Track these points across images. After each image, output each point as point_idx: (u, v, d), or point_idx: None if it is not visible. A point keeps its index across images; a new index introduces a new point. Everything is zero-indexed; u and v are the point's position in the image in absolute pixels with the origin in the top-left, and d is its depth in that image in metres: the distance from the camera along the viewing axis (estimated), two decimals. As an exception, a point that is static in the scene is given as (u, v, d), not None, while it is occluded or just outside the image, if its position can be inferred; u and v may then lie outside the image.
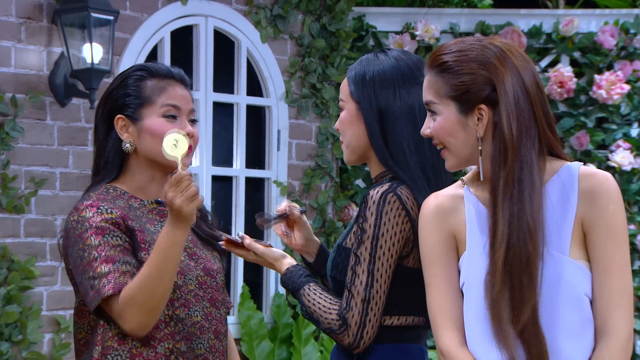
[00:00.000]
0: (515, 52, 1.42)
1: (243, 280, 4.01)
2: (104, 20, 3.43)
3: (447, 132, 1.43)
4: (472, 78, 1.39)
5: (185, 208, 1.59)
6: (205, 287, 1.75)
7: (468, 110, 1.41)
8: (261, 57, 4.04)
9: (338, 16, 4.17)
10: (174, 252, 1.62)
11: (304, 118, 4.18)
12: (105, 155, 1.76)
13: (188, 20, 3.87)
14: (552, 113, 1.42)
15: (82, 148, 3.58)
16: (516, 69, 1.40)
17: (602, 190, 1.37)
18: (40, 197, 3.48)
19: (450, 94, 1.41)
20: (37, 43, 3.47)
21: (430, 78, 1.44)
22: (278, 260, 1.72)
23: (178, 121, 1.76)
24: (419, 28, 4.22)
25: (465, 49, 1.41)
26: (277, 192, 4.10)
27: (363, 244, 1.61)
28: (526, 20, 4.30)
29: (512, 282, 1.34)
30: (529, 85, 1.39)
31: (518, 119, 1.37)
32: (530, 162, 1.37)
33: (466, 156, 1.44)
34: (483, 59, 1.39)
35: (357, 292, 1.60)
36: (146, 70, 1.78)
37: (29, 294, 3.44)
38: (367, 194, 1.63)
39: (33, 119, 3.47)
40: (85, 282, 1.65)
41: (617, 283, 1.35)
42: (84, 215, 1.67)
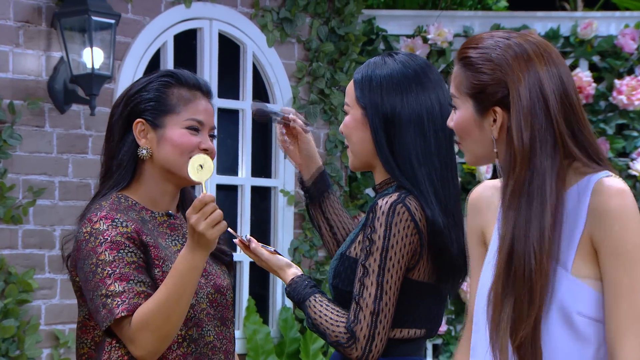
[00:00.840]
0: (546, 53, 1.39)
1: (249, 293, 4.00)
2: (105, 24, 3.43)
3: (463, 129, 1.43)
4: (489, 78, 1.38)
5: (208, 233, 1.59)
6: (216, 305, 1.75)
7: (484, 111, 1.40)
8: (267, 61, 4.04)
9: (347, 19, 4.17)
10: (192, 277, 1.61)
11: (312, 125, 4.17)
12: (119, 158, 1.74)
13: (192, 23, 3.87)
14: (584, 120, 1.38)
15: (82, 156, 3.57)
16: (537, 73, 1.37)
17: (608, 209, 1.34)
18: (39, 207, 3.48)
19: (468, 92, 1.41)
20: (36, 47, 3.47)
21: (456, 70, 1.44)
22: (282, 269, 1.72)
23: (200, 135, 1.75)
24: (431, 31, 4.21)
25: (490, 46, 1.40)
26: (284, 202, 4.09)
27: (372, 256, 1.61)
28: (543, 23, 4.29)
29: (515, 296, 1.33)
30: (550, 91, 1.36)
31: (531, 126, 1.35)
32: (543, 171, 1.35)
33: (482, 155, 1.43)
34: (501, 60, 1.38)
35: (365, 305, 1.61)
36: (174, 77, 1.77)
37: (26, 307, 3.43)
38: (375, 204, 1.63)
39: (31, 126, 3.47)
40: (97, 299, 1.63)
41: (627, 308, 1.32)
42: (98, 228, 1.66)
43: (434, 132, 1.67)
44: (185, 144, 1.72)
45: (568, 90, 1.38)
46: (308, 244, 4.09)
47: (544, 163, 1.35)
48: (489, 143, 1.41)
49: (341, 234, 1.86)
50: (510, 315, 1.33)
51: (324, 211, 1.85)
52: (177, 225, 1.77)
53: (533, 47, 1.39)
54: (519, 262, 1.33)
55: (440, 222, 1.64)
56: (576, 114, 1.38)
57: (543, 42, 1.41)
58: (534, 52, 1.38)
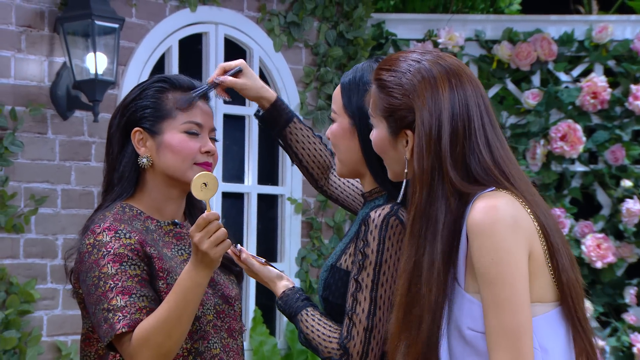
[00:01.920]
0: (455, 78, 1.44)
1: (255, 304, 3.99)
2: (109, 29, 3.43)
3: (379, 148, 1.50)
4: (399, 103, 1.45)
5: (211, 252, 1.59)
6: (224, 317, 1.75)
7: (396, 132, 1.47)
8: (274, 66, 4.04)
9: (356, 23, 4.17)
10: (195, 294, 1.61)
11: (320, 131, 4.16)
12: (120, 170, 1.74)
13: (197, 28, 3.87)
14: (481, 144, 1.42)
15: (85, 163, 3.57)
16: (439, 98, 1.43)
17: (470, 226, 1.39)
18: (41, 216, 3.47)
19: (382, 113, 1.48)
20: (38, 53, 3.47)
21: (372, 90, 1.50)
22: (273, 281, 1.73)
23: (200, 138, 1.75)
24: (442, 35, 4.20)
25: (401, 69, 1.46)
26: (291, 210, 4.09)
27: (364, 270, 1.61)
28: (557, 26, 4.27)
29: (408, 324, 1.41)
30: (447, 117, 1.42)
31: (433, 152, 1.41)
32: (438, 198, 1.41)
33: (400, 173, 1.50)
34: (410, 85, 1.44)
35: (358, 320, 1.60)
36: (167, 82, 1.77)
37: (28, 318, 3.43)
38: (368, 217, 1.62)
39: (33, 133, 3.47)
40: (99, 313, 1.64)
41: (495, 324, 1.36)
42: (101, 240, 1.66)
43: None
44: (186, 149, 1.72)
45: (470, 114, 1.43)
46: (316, 253, 4.09)
47: (439, 189, 1.41)
48: (404, 163, 1.48)
49: (311, 166, 1.85)
50: (405, 343, 1.40)
51: (287, 142, 1.85)
52: (184, 234, 1.78)
53: (442, 71, 1.44)
54: (414, 290, 1.41)
55: None
56: (474, 138, 1.42)
57: (455, 64, 1.46)
58: (442, 77, 1.44)
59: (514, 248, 1.37)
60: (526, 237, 1.39)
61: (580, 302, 1.43)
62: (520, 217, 1.39)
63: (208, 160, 1.75)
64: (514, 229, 1.37)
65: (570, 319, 1.42)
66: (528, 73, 4.27)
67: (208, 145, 1.75)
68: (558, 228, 1.44)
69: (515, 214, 1.38)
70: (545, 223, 1.41)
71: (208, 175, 1.62)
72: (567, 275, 1.41)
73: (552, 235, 1.41)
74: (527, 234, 1.39)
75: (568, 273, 1.42)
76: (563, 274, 1.41)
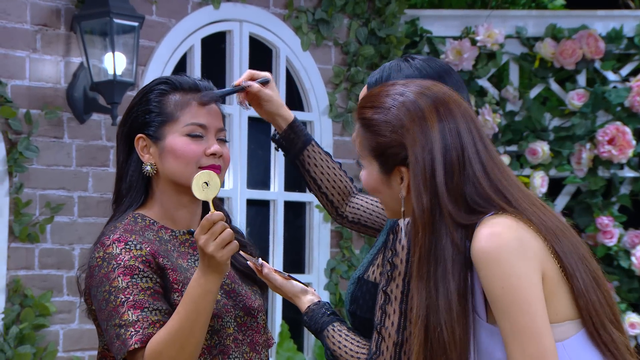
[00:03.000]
0: (443, 107, 1.45)
1: (282, 318, 3.97)
2: (128, 27, 3.42)
3: (372, 188, 1.50)
4: (389, 140, 1.45)
5: (218, 255, 1.59)
6: (245, 329, 1.74)
7: (389, 170, 1.47)
8: (302, 66, 4.02)
9: (388, 20, 4.14)
10: (206, 303, 1.61)
11: (350, 134, 4.13)
12: (127, 180, 1.75)
13: (221, 25, 3.86)
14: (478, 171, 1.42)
15: (103, 169, 3.57)
16: (428, 132, 1.43)
17: (476, 258, 1.38)
18: (57, 225, 3.47)
19: (371, 153, 1.48)
20: (54, 53, 3.46)
21: (357, 129, 1.51)
22: (297, 296, 1.73)
23: (204, 140, 1.74)
24: (481, 32, 4.17)
25: (385, 106, 1.46)
26: (319, 218, 4.07)
27: (393, 281, 1.60)
28: (604, 22, 4.22)
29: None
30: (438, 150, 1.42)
31: (429, 189, 1.42)
32: (444, 235, 1.41)
33: (397, 211, 1.50)
34: (397, 121, 1.45)
35: (388, 335, 1.59)
36: (169, 83, 1.76)
37: (43, 332, 3.42)
38: (396, 225, 1.61)
39: (49, 137, 3.46)
40: (111, 329, 1.64)
41: (518, 353, 1.35)
42: (111, 252, 1.66)
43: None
44: (188, 152, 1.71)
45: (463, 143, 1.43)
46: (346, 264, 4.06)
47: (442, 227, 1.41)
48: (399, 200, 1.47)
49: (331, 192, 1.85)
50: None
51: (304, 166, 1.84)
52: None
53: (428, 103, 1.44)
54: (434, 335, 1.39)
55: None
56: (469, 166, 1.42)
57: (441, 92, 1.46)
58: (429, 109, 1.44)
59: (523, 272, 1.36)
60: (535, 259, 1.38)
61: (604, 325, 1.40)
62: (525, 238, 1.38)
63: (215, 163, 1.73)
64: (520, 252, 1.37)
65: (596, 345, 1.40)
66: (573, 72, 4.23)
67: (213, 147, 1.73)
68: (575, 246, 1.42)
69: (519, 236, 1.38)
70: (556, 244, 1.40)
71: (209, 173, 1.61)
72: (586, 299, 1.40)
73: (565, 256, 1.40)
74: (536, 255, 1.38)
75: (587, 295, 1.40)
76: (580, 298, 1.40)
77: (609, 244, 4.07)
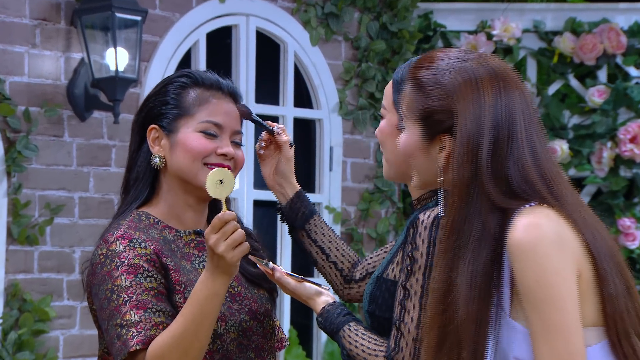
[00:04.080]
0: (500, 81, 1.43)
1: (290, 323, 3.97)
2: (130, 22, 3.42)
3: (408, 152, 1.48)
4: (437, 105, 1.44)
5: (228, 256, 1.58)
6: (251, 334, 1.73)
7: (431, 137, 1.45)
8: (311, 62, 4.02)
9: (401, 14, 4.13)
10: (212, 306, 1.60)
11: (361, 133, 4.13)
12: (135, 170, 1.76)
13: (226, 20, 3.85)
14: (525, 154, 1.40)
15: (104, 169, 3.57)
16: (482, 103, 1.41)
17: (511, 245, 1.36)
18: (57, 226, 3.46)
19: (417, 115, 1.46)
20: (54, 48, 3.46)
21: (406, 89, 1.50)
22: (312, 298, 1.73)
23: (218, 140, 1.74)
24: (497, 26, 4.17)
25: (442, 68, 1.44)
26: (329, 220, 4.06)
27: (413, 275, 1.60)
28: (626, 16, 4.21)
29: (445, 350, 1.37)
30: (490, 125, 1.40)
31: (472, 161, 1.39)
32: (478, 212, 1.39)
33: (428, 181, 1.48)
34: (451, 86, 1.43)
35: (407, 331, 1.59)
36: (190, 77, 1.77)
37: (43, 338, 3.41)
38: (417, 219, 1.63)
39: (48, 136, 3.46)
40: (112, 329, 1.63)
41: (547, 352, 1.33)
42: (114, 250, 1.66)
43: None
44: (197, 147, 1.71)
45: (514, 122, 1.41)
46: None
47: (476, 204, 1.38)
48: (435, 170, 1.45)
49: (340, 260, 1.86)
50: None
51: (310, 236, 1.86)
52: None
53: (486, 74, 1.42)
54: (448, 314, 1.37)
55: None
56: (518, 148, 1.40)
57: (501, 66, 1.45)
58: (486, 80, 1.42)
59: (560, 268, 1.34)
60: (573, 256, 1.36)
61: (628, 335, 1.38)
62: (565, 234, 1.36)
63: (225, 163, 1.74)
64: (559, 247, 1.35)
65: (616, 355, 1.38)
66: (593, 68, 4.21)
67: (225, 148, 1.73)
68: (612, 251, 1.41)
69: (559, 231, 1.36)
70: (593, 245, 1.38)
71: (224, 171, 1.61)
72: (615, 306, 1.38)
73: (600, 258, 1.38)
74: (574, 253, 1.36)
75: (616, 302, 1.38)
76: (609, 304, 1.38)
77: (631, 246, 4.05)
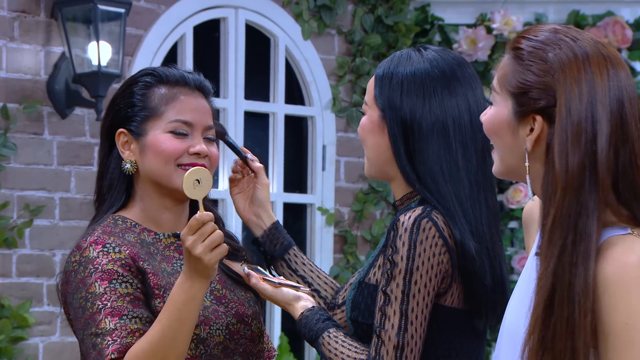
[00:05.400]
0: (611, 64, 1.33)
1: (281, 329, 3.95)
2: (114, 14, 3.42)
3: (494, 129, 1.40)
4: (536, 80, 1.34)
5: (206, 258, 1.59)
6: (238, 338, 1.73)
7: (522, 115, 1.36)
8: (303, 57, 4.00)
9: (397, 6, 4.12)
10: (190, 310, 1.60)
11: (355, 131, 4.11)
12: (107, 178, 1.76)
13: (214, 12, 3.84)
14: (636, 155, 1.32)
15: (86, 168, 3.56)
16: (594, 86, 1.31)
17: (602, 280, 1.29)
18: (36, 228, 3.44)
19: (511, 90, 1.37)
20: (33, 42, 3.44)
21: (504, 60, 1.41)
22: (290, 304, 1.72)
23: (189, 139, 1.74)
24: (497, 20, 4.15)
25: (547, 41, 1.35)
26: (322, 221, 4.05)
27: (394, 280, 1.59)
28: (632, 8, 4.21)
29: (554, 352, 1.29)
30: (606, 114, 1.30)
31: (582, 149, 1.30)
32: (590, 208, 1.29)
33: (510, 165, 1.40)
34: (556, 62, 1.33)
35: (388, 338, 1.58)
36: (154, 75, 1.76)
37: (22, 346, 3.40)
38: (397, 220, 1.61)
39: (28, 134, 3.44)
40: (88, 338, 1.63)
41: None
42: (88, 256, 1.67)
43: (461, 145, 1.65)
44: (168, 149, 1.71)
45: (626, 114, 1.32)
46: (350, 271, 4.05)
47: (589, 198, 1.30)
48: (521, 153, 1.37)
49: (323, 288, 1.86)
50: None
51: (290, 266, 1.86)
52: None
53: (598, 54, 1.33)
54: (560, 312, 1.29)
55: (471, 247, 1.61)
56: (628, 145, 1.31)
57: (612, 49, 1.36)
58: (598, 60, 1.32)
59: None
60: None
61: None
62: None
63: (198, 162, 1.73)
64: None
65: None
66: None
67: (198, 146, 1.73)
68: None
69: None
70: None
71: (201, 170, 1.62)
72: None
73: None
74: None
75: None
76: None
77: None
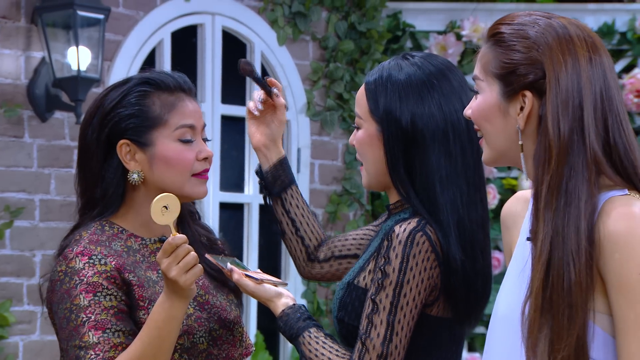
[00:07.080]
0: (591, 42, 1.38)
1: (257, 328, 3.98)
2: (93, 20, 3.43)
3: (484, 115, 1.42)
4: (522, 57, 1.37)
5: (181, 280, 1.60)
6: (221, 344, 1.74)
7: (511, 95, 1.39)
8: (278, 62, 4.04)
9: (369, 13, 4.17)
10: (170, 329, 1.62)
11: (329, 134, 4.16)
12: (103, 186, 1.73)
13: (192, 19, 3.87)
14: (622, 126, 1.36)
15: (66, 170, 3.56)
16: (577, 61, 1.36)
17: (609, 239, 1.32)
18: (17, 229, 3.46)
19: (496, 72, 1.40)
20: (14, 47, 3.46)
21: (483, 50, 1.44)
22: (271, 300, 1.72)
23: (195, 144, 1.75)
24: (466, 27, 4.20)
25: (527, 23, 1.39)
26: None
27: (383, 290, 1.61)
28: (595, 16, 4.27)
29: (553, 312, 1.32)
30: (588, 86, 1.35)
31: (570, 116, 1.34)
32: (580, 171, 1.33)
33: (503, 149, 1.42)
34: (540, 39, 1.37)
35: (372, 346, 1.60)
36: (150, 83, 1.75)
37: (2, 344, 3.42)
38: (392, 231, 1.62)
39: (8, 137, 3.46)
40: (72, 350, 1.64)
41: (635, 349, 1.30)
42: (74, 267, 1.67)
43: (460, 149, 1.66)
44: (184, 161, 1.73)
45: (610, 88, 1.36)
46: None
47: (578, 160, 1.33)
48: (512, 134, 1.39)
49: (308, 236, 1.85)
50: (549, 334, 1.31)
51: (284, 205, 1.84)
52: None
53: (577, 32, 1.37)
54: (557, 273, 1.32)
55: (457, 260, 1.63)
56: (614, 117, 1.36)
57: (589, 29, 1.40)
58: (578, 38, 1.37)
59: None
60: None
61: None
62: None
63: (206, 167, 1.76)
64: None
65: None
66: None
67: (205, 152, 1.75)
68: None
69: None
70: None
71: (168, 197, 1.63)
72: None
73: None
74: None
75: None
76: None
77: None
